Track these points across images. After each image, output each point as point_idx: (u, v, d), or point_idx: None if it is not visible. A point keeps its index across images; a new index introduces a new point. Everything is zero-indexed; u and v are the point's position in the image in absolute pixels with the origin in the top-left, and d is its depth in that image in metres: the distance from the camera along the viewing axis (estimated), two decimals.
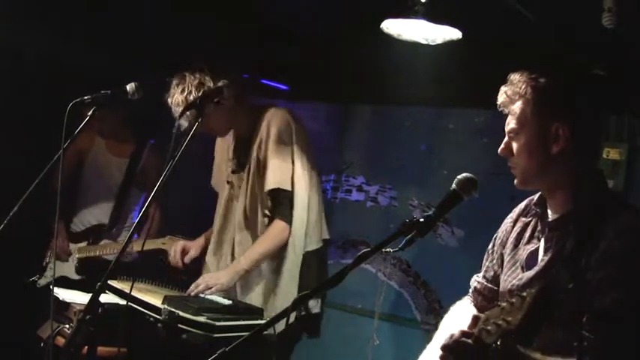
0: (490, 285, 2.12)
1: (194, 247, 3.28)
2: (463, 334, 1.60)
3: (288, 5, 3.43)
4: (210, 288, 2.90)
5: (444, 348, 1.64)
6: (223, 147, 3.37)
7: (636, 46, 2.78)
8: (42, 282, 3.84)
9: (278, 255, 3.08)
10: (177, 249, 3.23)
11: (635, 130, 3.30)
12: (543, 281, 1.83)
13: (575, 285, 1.70)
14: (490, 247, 2.14)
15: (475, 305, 2.15)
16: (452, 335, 1.63)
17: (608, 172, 3.25)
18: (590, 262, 1.71)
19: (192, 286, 2.92)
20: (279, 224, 3.05)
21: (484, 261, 2.16)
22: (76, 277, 3.83)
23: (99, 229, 3.92)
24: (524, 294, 1.46)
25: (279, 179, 3.06)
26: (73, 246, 3.89)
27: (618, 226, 1.74)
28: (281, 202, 3.08)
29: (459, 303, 2.21)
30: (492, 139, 3.65)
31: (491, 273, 2.11)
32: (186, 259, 3.23)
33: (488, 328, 1.52)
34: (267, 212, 3.13)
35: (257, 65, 4.13)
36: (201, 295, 2.86)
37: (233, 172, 3.26)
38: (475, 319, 1.61)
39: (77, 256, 3.85)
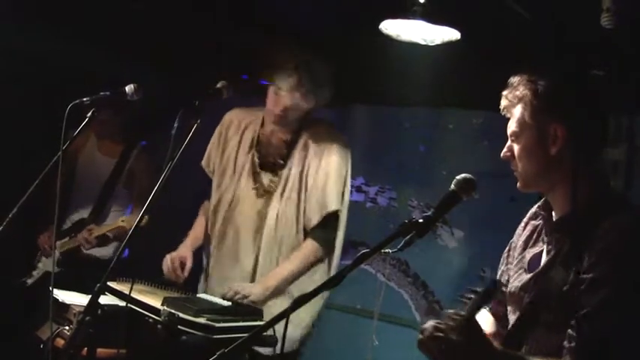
0: (505, 289, 2.12)
1: (188, 256, 3.03)
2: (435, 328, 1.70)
3: (287, 5, 3.43)
4: (239, 294, 2.82)
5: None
6: (237, 128, 3.14)
7: (635, 46, 2.78)
8: (30, 281, 3.87)
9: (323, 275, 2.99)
10: (174, 264, 2.98)
11: (635, 129, 3.30)
12: (540, 283, 1.84)
13: (569, 287, 1.71)
14: (505, 251, 2.15)
15: (490, 310, 2.16)
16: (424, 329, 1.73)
17: (608, 172, 3.25)
18: (583, 262, 1.71)
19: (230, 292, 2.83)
20: (312, 245, 2.97)
21: (500, 265, 2.16)
22: (56, 269, 3.77)
23: (80, 223, 3.89)
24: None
25: (338, 201, 2.96)
26: (58, 243, 3.86)
27: (613, 226, 1.74)
28: (326, 225, 2.97)
29: None
30: (492, 139, 3.65)
31: (506, 277, 2.11)
32: (186, 273, 2.99)
33: (450, 323, 1.67)
34: (304, 227, 2.98)
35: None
36: (200, 296, 2.85)
37: (261, 167, 3.05)
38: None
39: (59, 251, 3.82)
